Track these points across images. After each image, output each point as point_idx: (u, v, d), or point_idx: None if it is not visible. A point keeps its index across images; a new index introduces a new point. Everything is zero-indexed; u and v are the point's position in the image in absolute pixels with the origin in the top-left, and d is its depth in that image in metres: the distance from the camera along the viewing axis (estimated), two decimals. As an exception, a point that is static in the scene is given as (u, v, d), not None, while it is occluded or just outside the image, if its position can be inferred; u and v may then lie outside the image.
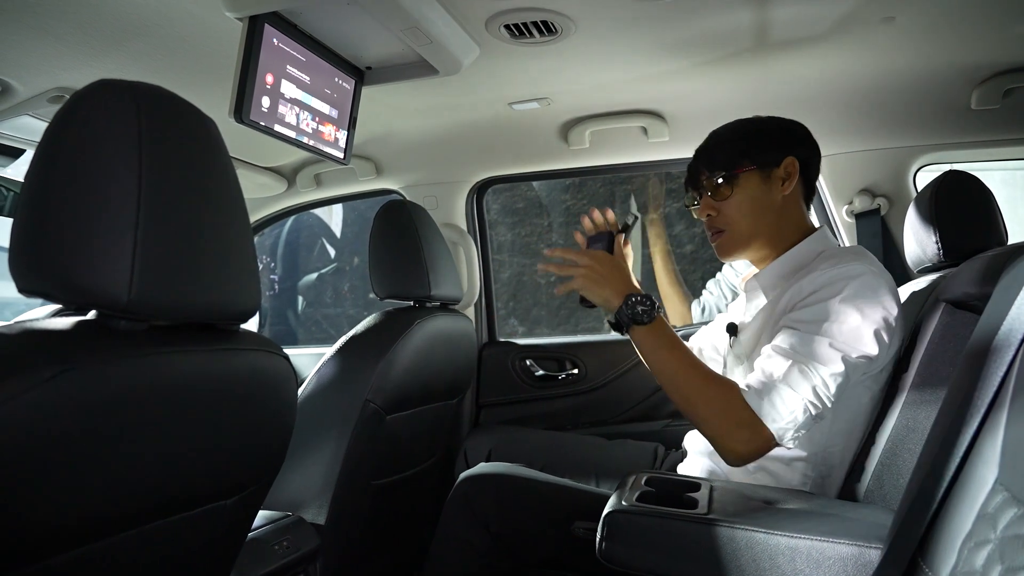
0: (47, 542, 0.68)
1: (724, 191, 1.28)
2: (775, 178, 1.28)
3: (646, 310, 1.17)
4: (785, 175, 1.28)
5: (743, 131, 1.32)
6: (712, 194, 1.30)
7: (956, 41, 1.44)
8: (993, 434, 0.73)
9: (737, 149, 1.29)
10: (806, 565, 0.92)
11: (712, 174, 1.29)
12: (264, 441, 0.93)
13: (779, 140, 1.30)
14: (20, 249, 0.70)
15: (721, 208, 1.29)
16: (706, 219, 1.33)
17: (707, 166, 1.31)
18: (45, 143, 0.71)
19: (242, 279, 0.83)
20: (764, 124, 1.32)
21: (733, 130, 1.33)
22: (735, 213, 1.28)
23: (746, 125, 1.33)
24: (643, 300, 1.18)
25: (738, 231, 1.29)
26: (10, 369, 0.61)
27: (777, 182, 1.28)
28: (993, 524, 0.68)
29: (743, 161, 1.27)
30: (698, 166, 1.33)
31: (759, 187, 1.28)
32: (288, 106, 1.32)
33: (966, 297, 1.05)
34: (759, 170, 1.27)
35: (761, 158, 1.28)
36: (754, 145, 1.29)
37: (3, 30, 1.22)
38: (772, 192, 1.28)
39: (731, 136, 1.32)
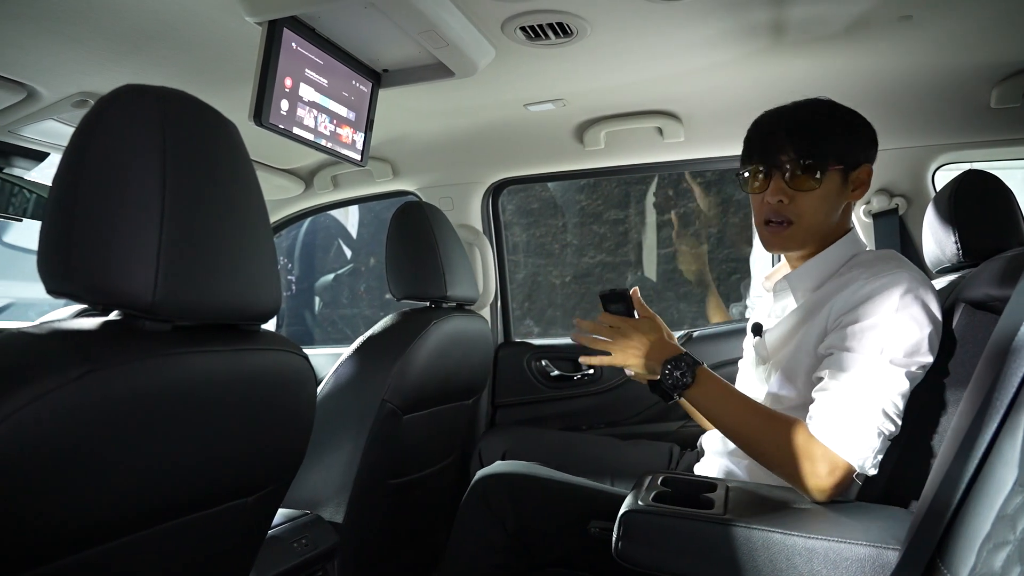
0: (74, 538, 0.70)
1: (809, 182, 1.17)
2: (851, 182, 1.21)
3: (684, 373, 1.14)
4: (858, 182, 1.21)
5: (841, 122, 1.20)
6: (790, 179, 1.18)
7: (975, 39, 1.42)
8: (1012, 435, 0.73)
9: (831, 138, 1.17)
10: (823, 566, 0.91)
11: (801, 156, 1.17)
12: (284, 440, 0.95)
13: (865, 143, 1.22)
14: (48, 252, 0.71)
15: (796, 198, 1.18)
16: (776, 204, 1.20)
17: (794, 143, 1.17)
18: (72, 148, 0.73)
19: (263, 280, 0.84)
20: (852, 116, 1.22)
21: (832, 114, 1.21)
22: (810, 208, 1.19)
23: (843, 115, 1.21)
24: (678, 363, 1.15)
25: (807, 227, 1.20)
26: (38, 369, 0.63)
27: (851, 186, 1.21)
28: (1013, 526, 0.67)
29: (838, 156, 1.18)
30: (781, 142, 1.18)
31: (838, 188, 1.19)
32: (306, 109, 1.34)
33: (986, 298, 1.04)
34: (843, 171, 1.19)
35: (851, 158, 1.19)
36: (849, 142, 1.19)
37: (29, 37, 1.24)
38: (844, 196, 1.21)
39: (830, 123, 1.19)
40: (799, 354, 1.18)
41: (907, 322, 1.06)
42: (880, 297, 1.08)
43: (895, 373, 1.04)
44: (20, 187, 1.76)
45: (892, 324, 1.06)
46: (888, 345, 1.05)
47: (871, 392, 1.04)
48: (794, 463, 1.05)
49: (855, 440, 1.03)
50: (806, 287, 1.25)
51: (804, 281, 1.25)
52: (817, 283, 1.23)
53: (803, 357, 1.17)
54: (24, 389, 0.61)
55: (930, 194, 1.81)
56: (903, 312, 1.06)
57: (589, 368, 2.19)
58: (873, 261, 1.16)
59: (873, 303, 1.08)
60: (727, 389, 1.16)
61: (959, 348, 1.08)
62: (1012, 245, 1.28)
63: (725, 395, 1.15)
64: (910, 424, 1.11)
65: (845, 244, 1.23)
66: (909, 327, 1.06)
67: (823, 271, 1.23)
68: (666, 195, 5.25)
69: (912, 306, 1.06)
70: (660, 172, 2.33)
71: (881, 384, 1.04)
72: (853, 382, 1.05)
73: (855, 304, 1.10)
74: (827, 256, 1.23)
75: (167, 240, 0.71)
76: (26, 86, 1.41)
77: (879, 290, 1.08)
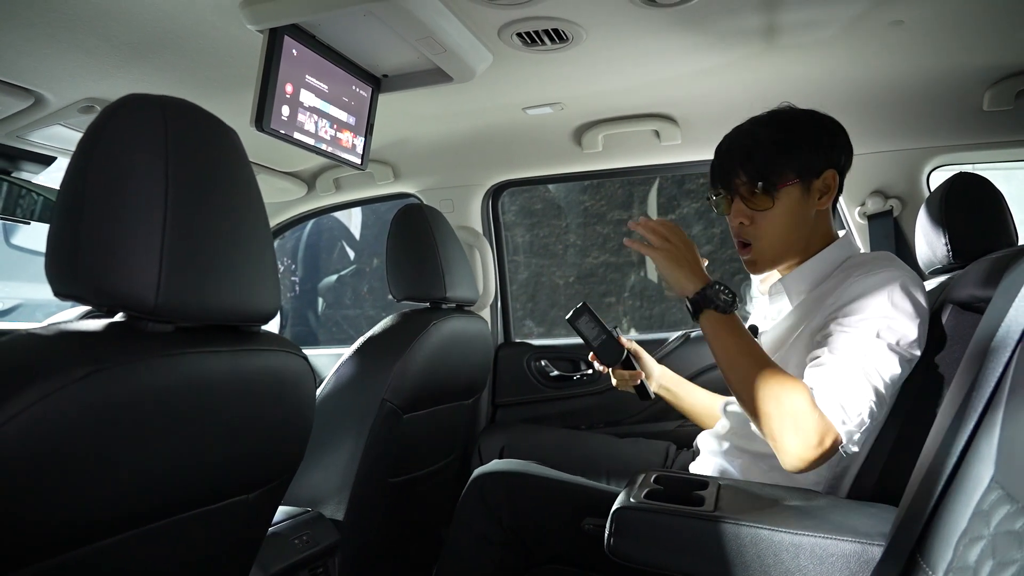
0: (78, 533, 0.72)
1: (763, 201, 1.20)
2: (814, 190, 1.21)
3: (728, 300, 1.14)
4: (824, 188, 1.22)
5: (787, 133, 1.21)
6: (747, 202, 1.22)
7: (967, 44, 1.44)
8: (989, 433, 0.75)
9: (781, 156, 1.19)
10: (809, 561, 0.93)
11: (751, 180, 1.20)
12: (284, 437, 0.97)
13: (823, 147, 1.21)
14: (55, 255, 0.74)
15: (756, 219, 1.22)
16: (738, 226, 1.25)
17: (745, 169, 1.21)
18: (78, 155, 0.75)
19: (263, 282, 0.87)
20: (808, 126, 1.22)
21: (778, 130, 1.22)
22: (770, 227, 1.22)
23: (790, 125, 1.22)
24: (726, 290, 1.15)
25: (770, 246, 1.24)
26: (45, 369, 0.65)
27: (815, 195, 1.21)
28: (987, 521, 0.69)
29: (787, 172, 1.19)
30: (733, 165, 1.22)
31: (799, 202, 1.20)
32: (307, 114, 1.37)
33: (972, 299, 1.06)
34: (800, 183, 1.19)
35: (804, 169, 1.19)
36: (799, 153, 1.19)
37: (38, 45, 1.27)
38: (809, 206, 1.22)
39: (775, 138, 1.20)
40: (795, 354, 1.20)
41: (900, 314, 1.08)
42: (874, 291, 1.10)
43: (890, 356, 1.06)
44: (28, 190, 1.78)
45: (886, 314, 1.07)
46: (883, 331, 1.07)
47: (867, 370, 1.05)
48: (788, 424, 1.04)
49: (850, 414, 1.04)
50: (800, 289, 1.27)
51: (798, 283, 1.27)
52: (811, 285, 1.25)
53: (799, 357, 1.19)
54: (31, 388, 0.63)
55: (924, 196, 1.82)
56: (897, 306, 1.08)
57: (588, 368, 2.21)
58: (866, 261, 1.18)
59: (867, 297, 1.10)
60: (750, 336, 1.15)
61: (947, 348, 1.10)
62: (1001, 246, 1.30)
63: (746, 338, 1.14)
64: (900, 421, 1.13)
65: (839, 247, 1.25)
66: (902, 319, 1.08)
67: (817, 273, 1.25)
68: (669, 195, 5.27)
69: (905, 301, 1.08)
70: (658, 174, 2.35)
71: (876, 363, 1.06)
72: (852, 358, 1.06)
73: (849, 299, 1.12)
74: (821, 259, 1.25)
75: (170, 244, 0.73)
76: (34, 92, 1.44)
77: (873, 286, 1.10)
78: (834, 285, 1.18)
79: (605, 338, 1.49)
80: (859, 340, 1.07)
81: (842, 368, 1.06)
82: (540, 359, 2.26)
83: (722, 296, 1.14)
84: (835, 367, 1.06)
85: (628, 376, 1.57)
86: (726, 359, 1.14)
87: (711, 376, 1.93)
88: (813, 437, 1.03)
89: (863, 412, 1.04)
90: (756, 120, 1.25)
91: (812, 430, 1.03)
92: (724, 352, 1.14)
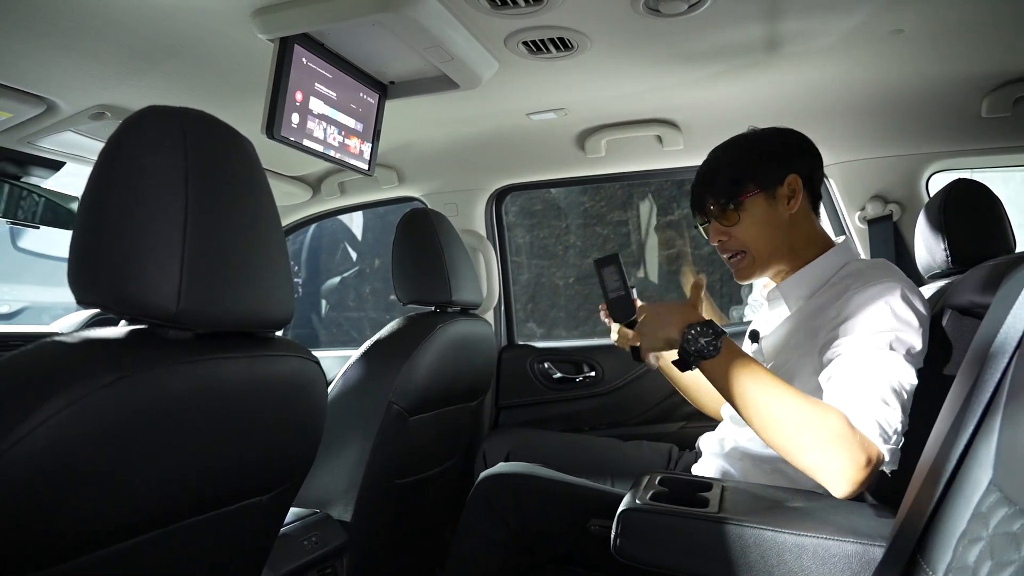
0: (101, 535, 0.74)
1: (731, 217, 1.29)
2: (780, 197, 1.28)
3: (710, 341, 1.08)
4: (789, 193, 1.28)
5: (741, 152, 1.31)
6: (720, 220, 1.31)
7: (965, 52, 1.46)
8: (988, 437, 0.77)
9: (738, 174, 1.28)
10: (812, 562, 0.95)
11: (717, 200, 1.30)
12: (297, 440, 0.99)
13: (779, 157, 1.29)
14: (78, 266, 0.76)
15: (732, 233, 1.30)
16: (718, 244, 1.33)
17: (711, 192, 1.31)
18: (99, 166, 0.77)
19: (277, 289, 0.88)
20: (762, 141, 1.31)
21: (731, 151, 1.33)
22: (745, 237, 1.29)
23: (743, 145, 1.32)
24: (704, 330, 1.09)
25: (756, 252, 1.30)
26: (73, 376, 0.67)
27: (783, 201, 1.28)
28: (986, 523, 0.71)
29: (746, 185, 1.27)
30: (701, 192, 1.33)
31: (765, 209, 1.28)
32: (316, 121, 1.39)
33: (970, 305, 1.08)
34: (763, 192, 1.27)
35: (763, 180, 1.27)
36: (754, 167, 1.28)
37: (50, 53, 1.29)
38: (779, 211, 1.28)
39: (730, 159, 1.31)
40: (795, 360, 1.22)
41: (904, 324, 1.09)
42: (877, 302, 1.10)
43: (906, 366, 1.07)
44: (37, 195, 1.81)
45: (892, 326, 1.08)
46: (893, 342, 1.07)
47: (892, 384, 1.05)
48: (831, 450, 1.00)
49: (888, 432, 1.02)
50: (799, 295, 1.29)
51: (796, 289, 1.29)
52: (810, 291, 1.27)
53: (799, 363, 1.21)
54: (59, 395, 0.65)
55: (924, 200, 1.85)
56: (900, 316, 1.09)
57: (591, 370, 2.23)
58: (864, 270, 1.20)
59: (871, 309, 1.10)
60: (756, 366, 1.09)
61: (946, 352, 1.12)
62: (999, 252, 1.32)
63: (752, 371, 1.08)
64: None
65: (837, 253, 1.28)
66: (907, 328, 1.09)
67: (816, 279, 1.27)
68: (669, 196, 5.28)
69: (907, 310, 1.10)
70: (660, 179, 2.38)
71: (898, 376, 1.05)
72: (873, 375, 1.05)
73: (853, 312, 1.12)
74: (819, 264, 1.27)
75: (190, 254, 0.75)
76: (46, 100, 1.46)
77: (874, 296, 1.11)
78: (835, 295, 1.19)
79: (624, 294, 1.47)
80: (875, 354, 1.07)
81: (869, 385, 1.04)
82: (543, 361, 2.28)
83: (701, 340, 1.09)
84: (862, 385, 1.04)
85: (630, 336, 1.52)
86: (739, 401, 1.09)
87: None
88: (861, 458, 0.99)
89: (899, 426, 1.03)
90: (716, 148, 1.36)
91: (859, 451, 1.00)
92: (732, 394, 1.09)
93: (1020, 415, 0.72)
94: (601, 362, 2.23)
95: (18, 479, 0.63)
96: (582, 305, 5.54)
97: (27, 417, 0.63)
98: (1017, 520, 0.67)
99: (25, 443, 0.63)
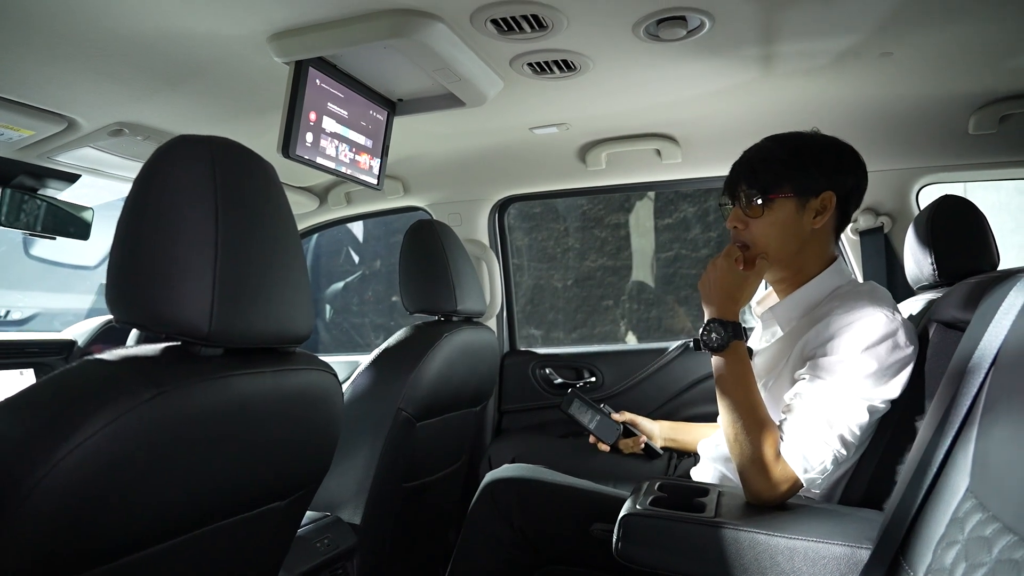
0: (136, 539, 0.79)
1: (756, 210, 1.28)
2: (810, 209, 1.27)
3: (718, 338, 1.20)
4: (820, 208, 1.27)
5: (792, 151, 1.28)
6: (744, 208, 1.30)
7: (952, 73, 1.51)
8: (965, 447, 0.82)
9: (780, 171, 1.27)
10: (803, 564, 1.01)
11: (749, 189, 1.28)
12: (315, 448, 1.04)
13: (826, 169, 1.27)
14: (117, 287, 0.81)
15: (749, 224, 1.29)
16: (733, 230, 1.33)
17: (747, 179, 1.29)
18: (134, 193, 0.82)
19: (299, 306, 0.93)
20: (816, 147, 1.29)
21: (783, 147, 1.30)
22: (760, 234, 1.29)
23: (797, 144, 1.29)
24: (719, 327, 1.21)
25: (761, 251, 1.30)
26: (116, 392, 0.72)
27: (811, 213, 1.27)
28: (962, 527, 0.77)
29: (783, 185, 1.26)
30: (739, 175, 1.31)
31: (792, 215, 1.27)
32: (329, 139, 1.44)
33: (953, 320, 1.13)
34: (796, 198, 1.26)
35: (801, 186, 1.26)
36: (798, 171, 1.26)
37: (74, 76, 1.34)
38: (803, 222, 1.27)
39: (779, 154, 1.28)
40: (782, 380, 1.27)
41: (873, 361, 1.13)
42: (851, 334, 1.15)
43: (858, 406, 1.13)
44: (55, 207, 1.86)
45: (859, 361, 1.13)
46: (854, 379, 1.13)
47: (834, 421, 1.13)
48: (754, 469, 1.13)
49: (812, 463, 1.12)
50: (791, 317, 1.33)
51: (788, 312, 1.33)
52: (802, 313, 1.31)
53: (784, 383, 1.26)
54: (105, 410, 0.70)
55: (914, 213, 1.90)
56: (871, 351, 1.13)
57: (591, 376, 2.29)
58: (849, 295, 1.23)
59: (844, 338, 1.15)
60: (745, 377, 1.20)
61: (931, 364, 1.17)
62: (984, 266, 1.38)
63: (737, 380, 1.20)
64: (889, 433, 1.20)
65: (828, 276, 1.30)
66: (874, 365, 1.13)
67: (807, 302, 1.30)
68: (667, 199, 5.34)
69: (879, 346, 1.14)
70: (658, 190, 2.46)
71: (844, 414, 1.13)
72: (819, 410, 1.13)
73: (828, 338, 1.17)
74: (810, 289, 1.30)
75: (220, 275, 0.80)
76: (67, 117, 1.51)
77: (851, 326, 1.15)
78: (818, 316, 1.23)
79: (600, 418, 1.64)
80: (829, 390, 1.14)
81: (809, 420, 1.14)
82: (544, 367, 2.34)
83: (713, 335, 1.21)
84: (803, 418, 1.14)
85: (632, 443, 1.71)
86: (718, 399, 1.22)
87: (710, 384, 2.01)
88: (778, 483, 1.12)
89: (825, 460, 1.12)
90: (774, 137, 1.33)
91: (777, 477, 1.12)
92: (718, 387, 1.23)
93: (994, 427, 0.78)
94: (601, 368, 2.28)
95: (69, 487, 0.68)
96: (580, 307, 5.59)
97: (78, 430, 0.68)
98: (990, 525, 0.72)
99: (76, 454, 0.68)
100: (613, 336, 5.42)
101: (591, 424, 1.66)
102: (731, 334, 1.20)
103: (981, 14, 1.24)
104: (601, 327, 5.53)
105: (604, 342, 5.51)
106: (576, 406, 1.66)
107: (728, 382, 1.20)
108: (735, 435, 1.17)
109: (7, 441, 0.68)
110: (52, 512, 0.68)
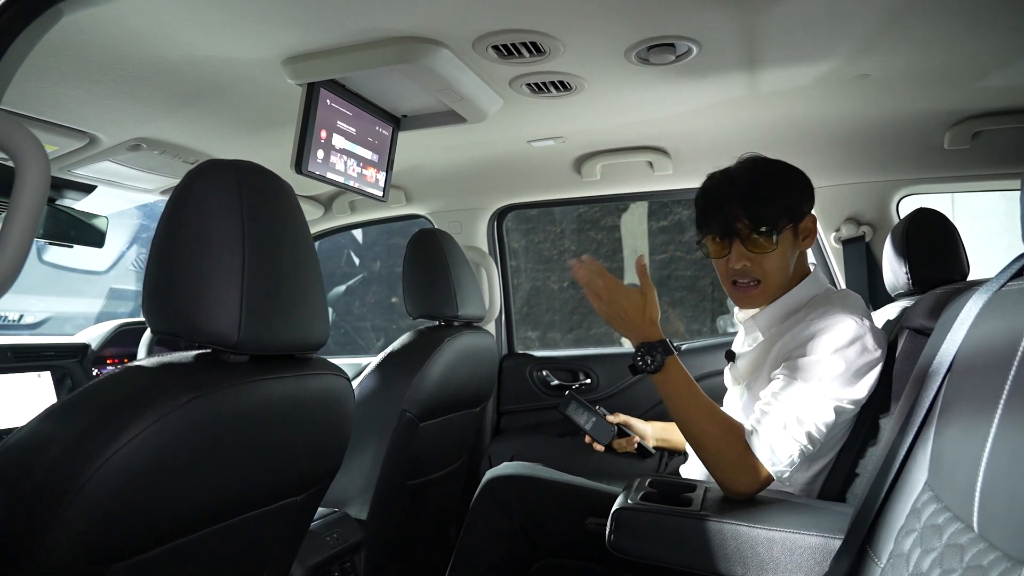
0: (169, 531, 0.86)
1: (766, 245, 1.28)
2: (800, 232, 1.32)
3: (653, 359, 1.22)
4: (806, 231, 1.33)
5: (783, 182, 1.31)
6: (749, 245, 1.29)
7: (927, 93, 1.60)
8: (924, 444, 0.90)
9: (783, 204, 1.28)
10: (781, 553, 1.09)
11: (755, 225, 1.27)
12: (329, 446, 1.12)
13: (807, 193, 1.33)
14: (153, 300, 0.88)
15: (760, 261, 1.29)
16: (740, 268, 1.31)
17: (749, 215, 1.27)
18: (167, 214, 0.89)
19: (316, 315, 1.01)
20: (793, 173, 1.33)
21: (775, 178, 1.31)
22: (773, 267, 1.30)
23: (784, 174, 1.32)
24: (651, 349, 1.23)
25: (774, 284, 1.32)
26: (157, 396, 0.80)
27: (801, 236, 1.33)
28: (919, 517, 0.85)
29: (786, 216, 1.28)
30: (736, 211, 1.27)
31: (790, 242, 1.31)
32: (338, 155, 1.52)
33: (921, 327, 1.21)
34: (794, 225, 1.30)
35: (796, 213, 1.30)
36: (793, 198, 1.30)
37: (97, 96, 1.41)
38: (797, 245, 1.33)
39: (777, 188, 1.29)
40: (762, 380, 1.34)
41: (842, 363, 1.19)
42: (823, 337, 1.21)
43: (826, 405, 1.19)
44: (72, 216, 1.93)
45: (829, 362, 1.20)
46: (824, 379, 1.19)
47: (802, 418, 1.19)
48: (725, 466, 1.20)
49: (780, 456, 1.19)
50: (770, 323, 1.39)
51: (768, 320, 1.39)
52: (780, 320, 1.37)
53: (764, 383, 1.32)
54: (150, 411, 0.78)
55: (894, 222, 1.98)
56: (840, 353, 1.20)
57: (586, 378, 2.37)
58: (826, 301, 1.30)
59: (816, 341, 1.21)
60: (688, 387, 1.23)
61: (901, 368, 1.25)
62: (955, 275, 1.46)
63: (684, 391, 1.23)
64: (863, 432, 1.28)
65: (807, 285, 1.36)
66: (843, 366, 1.19)
67: (785, 311, 1.36)
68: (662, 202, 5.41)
69: (849, 349, 1.20)
70: (651, 200, 2.54)
71: (811, 412, 1.19)
72: (788, 407, 1.20)
73: (802, 341, 1.24)
74: (789, 298, 1.36)
75: (248, 288, 0.87)
76: (88, 134, 1.58)
77: (824, 330, 1.22)
78: (796, 322, 1.30)
79: (596, 420, 1.73)
80: (800, 389, 1.20)
81: (780, 416, 1.19)
82: (541, 369, 2.42)
83: (647, 358, 1.23)
84: (775, 415, 1.20)
85: (626, 443, 1.79)
86: (670, 410, 1.26)
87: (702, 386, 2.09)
88: (749, 476, 1.19)
89: (793, 454, 1.19)
90: (743, 166, 1.34)
91: (748, 471, 1.19)
92: (668, 405, 1.26)
93: (948, 427, 0.86)
94: (596, 371, 2.37)
95: (118, 481, 0.76)
96: (576, 308, 5.66)
97: (125, 429, 0.76)
98: (942, 515, 0.80)
99: (124, 451, 0.76)
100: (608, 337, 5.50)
101: (587, 425, 1.74)
102: (663, 352, 1.23)
103: (952, 39, 1.32)
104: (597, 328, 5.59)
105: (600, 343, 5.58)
106: (573, 408, 1.76)
107: (678, 395, 1.24)
108: (698, 442, 1.23)
109: (63, 440, 0.76)
110: (103, 504, 0.75)
